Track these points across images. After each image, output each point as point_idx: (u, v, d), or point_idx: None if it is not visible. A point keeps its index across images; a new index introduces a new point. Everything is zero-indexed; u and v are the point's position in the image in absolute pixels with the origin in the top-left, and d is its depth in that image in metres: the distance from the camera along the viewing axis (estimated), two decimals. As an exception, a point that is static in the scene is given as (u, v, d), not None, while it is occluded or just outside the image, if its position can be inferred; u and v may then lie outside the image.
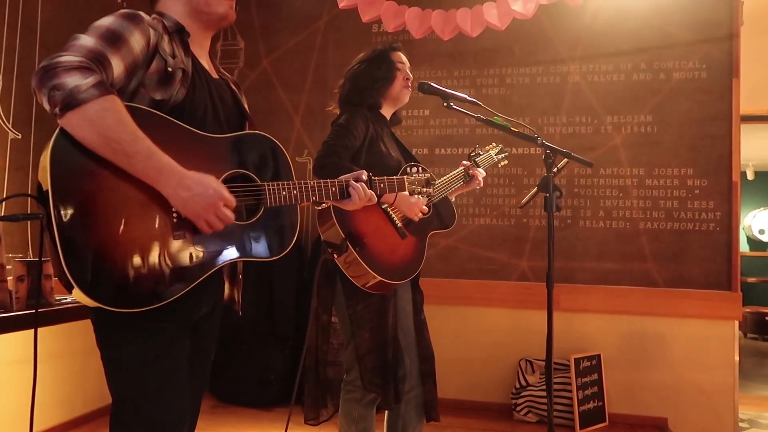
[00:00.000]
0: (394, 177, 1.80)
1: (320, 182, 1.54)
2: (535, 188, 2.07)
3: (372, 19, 3.31)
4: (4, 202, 2.62)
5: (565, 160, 2.13)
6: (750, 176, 7.91)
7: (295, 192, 1.46)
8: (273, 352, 3.70)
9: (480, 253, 3.75)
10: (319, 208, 1.72)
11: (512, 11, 3.16)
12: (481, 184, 2.39)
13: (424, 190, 1.84)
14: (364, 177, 1.61)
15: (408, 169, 1.87)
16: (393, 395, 2.16)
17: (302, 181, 1.49)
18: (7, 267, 2.51)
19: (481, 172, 2.38)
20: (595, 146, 3.62)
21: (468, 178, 2.35)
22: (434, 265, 3.77)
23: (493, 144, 2.61)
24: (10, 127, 2.84)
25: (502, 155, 2.58)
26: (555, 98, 3.70)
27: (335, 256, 2.04)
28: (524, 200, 2.25)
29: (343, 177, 1.61)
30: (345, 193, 1.59)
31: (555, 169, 2.02)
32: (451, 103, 2.02)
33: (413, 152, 2.40)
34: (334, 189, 1.57)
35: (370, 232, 2.08)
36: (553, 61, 3.70)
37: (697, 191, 3.51)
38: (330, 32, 3.98)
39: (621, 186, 3.60)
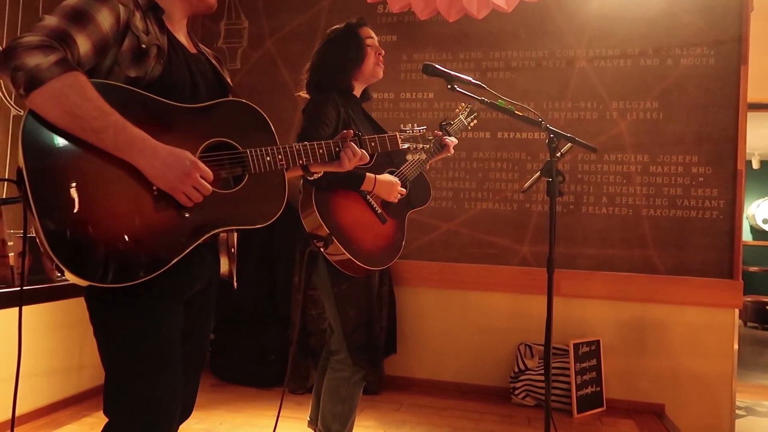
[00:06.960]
0: (386, 134, 1.78)
1: (305, 145, 1.51)
2: (538, 173, 2.07)
3: (377, -1, 3.28)
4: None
5: (569, 145, 2.12)
6: (755, 165, 7.87)
7: (279, 156, 1.44)
8: (273, 332, 3.72)
9: (482, 238, 3.75)
10: (311, 178, 1.69)
11: (519, -7, 3.12)
12: (452, 152, 2.35)
13: (421, 146, 1.81)
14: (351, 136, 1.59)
15: (402, 126, 1.85)
16: (382, 370, 2.17)
17: (287, 145, 1.46)
18: (9, 243, 2.53)
19: (452, 140, 2.34)
20: (599, 132, 3.60)
21: (440, 147, 2.31)
22: (436, 249, 3.78)
23: (462, 105, 2.53)
24: (12, 103, 2.83)
25: (472, 116, 2.50)
26: (560, 83, 3.67)
27: (321, 248, 2.04)
28: (527, 185, 2.24)
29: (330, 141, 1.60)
30: (334, 155, 1.58)
31: (558, 154, 2.02)
32: (456, 86, 2.01)
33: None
34: (321, 151, 1.55)
35: (351, 221, 2.08)
36: (559, 45, 3.67)
37: (701, 179, 3.49)
38: (335, 12, 3.94)
39: (625, 172, 3.59)
